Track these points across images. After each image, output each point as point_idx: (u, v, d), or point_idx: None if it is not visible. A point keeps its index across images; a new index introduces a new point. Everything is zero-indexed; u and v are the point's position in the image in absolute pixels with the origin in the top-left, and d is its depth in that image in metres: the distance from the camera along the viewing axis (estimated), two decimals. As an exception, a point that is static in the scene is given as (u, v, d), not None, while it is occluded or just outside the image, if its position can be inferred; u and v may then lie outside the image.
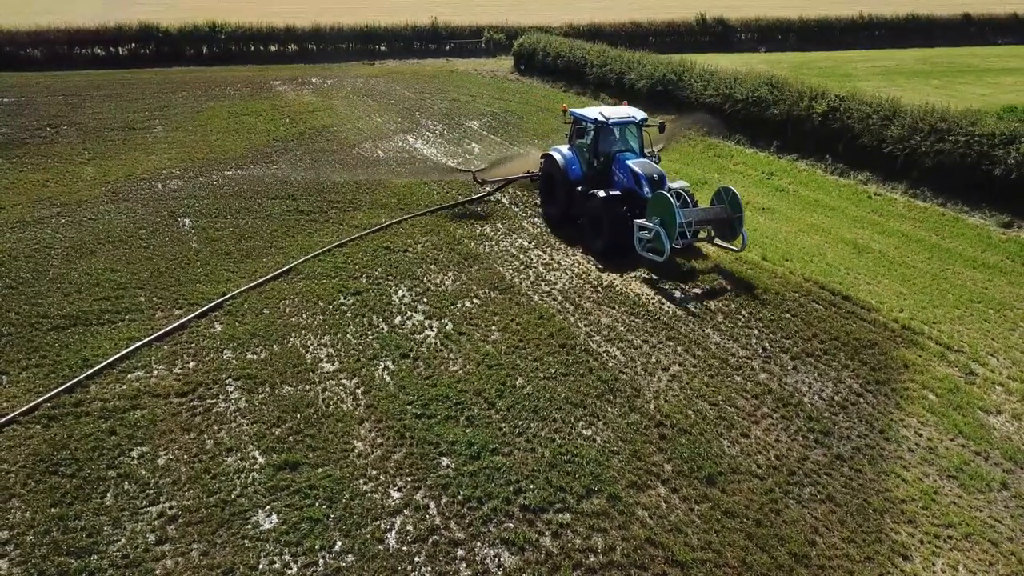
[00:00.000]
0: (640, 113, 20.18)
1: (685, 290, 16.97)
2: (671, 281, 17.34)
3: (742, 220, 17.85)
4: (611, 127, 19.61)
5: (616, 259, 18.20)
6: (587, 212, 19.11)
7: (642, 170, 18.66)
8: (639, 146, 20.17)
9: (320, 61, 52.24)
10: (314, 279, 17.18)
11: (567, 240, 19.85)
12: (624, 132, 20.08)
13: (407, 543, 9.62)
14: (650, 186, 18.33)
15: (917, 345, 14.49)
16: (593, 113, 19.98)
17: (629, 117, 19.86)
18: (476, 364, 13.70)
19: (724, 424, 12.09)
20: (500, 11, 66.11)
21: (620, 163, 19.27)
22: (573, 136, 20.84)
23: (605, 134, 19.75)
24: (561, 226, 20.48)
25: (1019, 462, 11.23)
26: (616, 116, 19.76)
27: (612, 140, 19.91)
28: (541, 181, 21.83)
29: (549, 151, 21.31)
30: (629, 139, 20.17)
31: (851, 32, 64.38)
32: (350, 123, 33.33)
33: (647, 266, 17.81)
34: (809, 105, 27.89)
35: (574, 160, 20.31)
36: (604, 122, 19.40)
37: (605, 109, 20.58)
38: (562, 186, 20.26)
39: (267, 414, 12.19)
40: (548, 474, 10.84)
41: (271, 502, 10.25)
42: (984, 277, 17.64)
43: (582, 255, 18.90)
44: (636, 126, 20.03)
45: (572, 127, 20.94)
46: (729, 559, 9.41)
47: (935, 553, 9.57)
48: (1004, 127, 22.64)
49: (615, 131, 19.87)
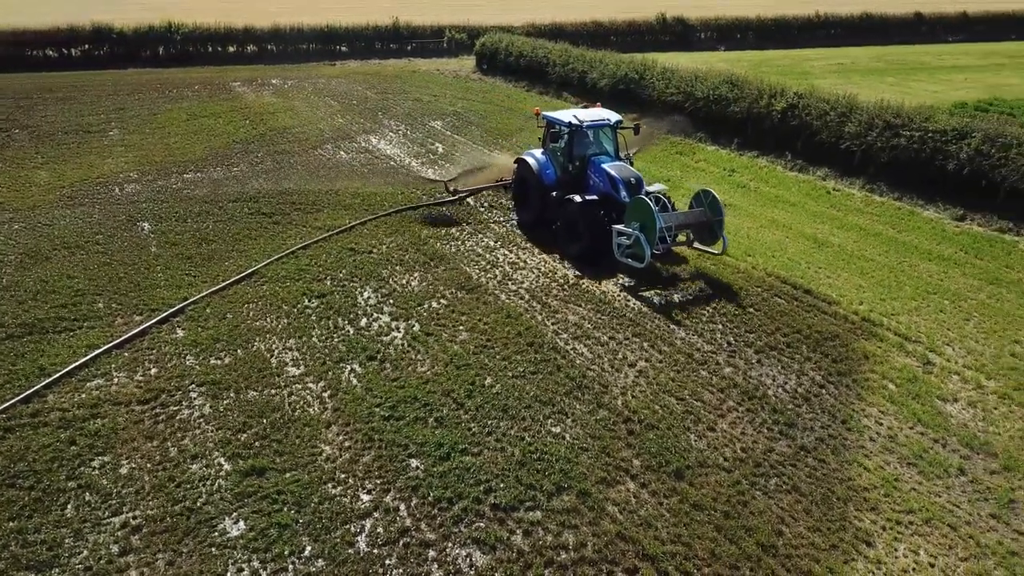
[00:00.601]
0: (615, 115, 19.76)
1: (650, 287, 17.07)
2: (644, 283, 17.24)
3: (722, 223, 17.48)
4: (585, 130, 19.21)
5: (594, 264, 17.91)
6: (563, 217, 18.72)
7: (619, 174, 18.26)
8: (614, 149, 19.75)
9: (280, 62, 51.66)
10: (278, 282, 16.99)
11: (533, 239, 19.88)
12: (598, 135, 19.67)
13: (378, 546, 9.56)
14: (627, 190, 17.98)
15: (876, 336, 14.79)
16: (567, 116, 19.50)
17: (604, 120, 19.40)
18: (444, 364, 13.67)
19: (691, 418, 12.22)
20: (462, 11, 66.02)
21: (596, 167, 18.84)
22: (547, 140, 20.34)
23: (579, 137, 19.31)
24: (534, 230, 20.15)
25: (975, 448, 11.52)
26: (590, 119, 19.31)
27: (587, 143, 19.47)
28: (514, 186, 21.27)
29: (522, 155, 20.76)
30: (604, 142, 19.75)
31: (808, 31, 65.46)
32: (312, 124, 33.01)
33: (626, 272, 17.57)
34: (768, 103, 28.31)
35: (548, 164, 19.88)
36: (578, 125, 18.98)
37: (579, 112, 20.09)
38: (536, 191, 19.86)
39: (232, 420, 12.02)
40: (518, 472, 10.86)
41: (238, 509, 10.12)
42: (939, 269, 18.07)
43: (548, 255, 18.92)
44: (611, 129, 19.60)
45: (545, 131, 20.40)
46: (698, 551, 9.51)
47: (897, 539, 9.79)
48: (956, 123, 23.20)
49: (589, 134, 19.46)
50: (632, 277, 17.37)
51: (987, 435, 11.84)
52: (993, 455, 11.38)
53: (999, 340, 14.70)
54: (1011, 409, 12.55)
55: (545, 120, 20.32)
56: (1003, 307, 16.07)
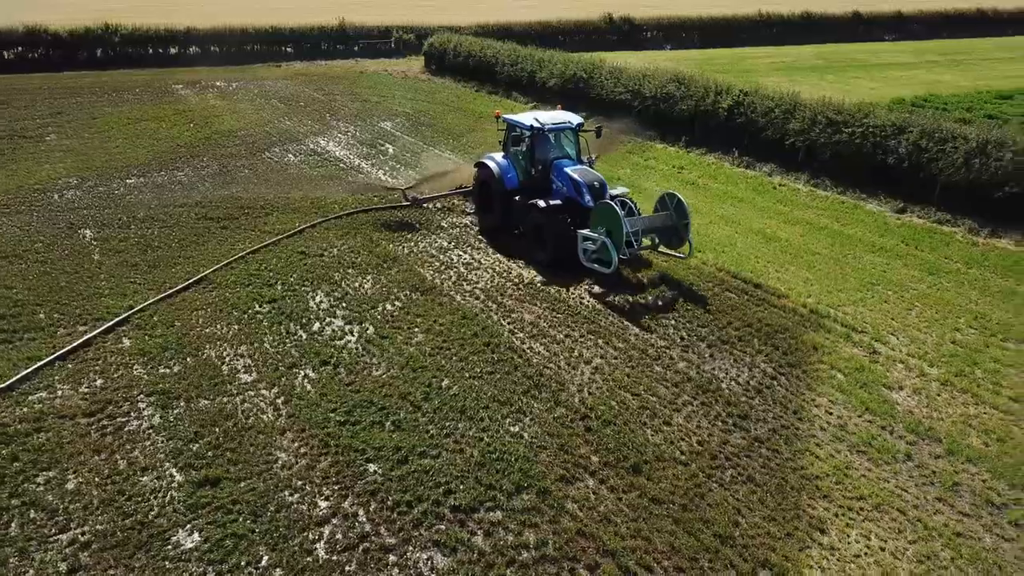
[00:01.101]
0: (576, 118, 19.56)
1: (606, 287, 17.18)
2: (605, 285, 17.13)
3: (689, 226, 17.33)
4: (547, 133, 18.94)
5: (560, 270, 17.57)
6: (527, 223, 18.51)
7: (582, 178, 18.02)
8: (576, 152, 19.50)
9: (224, 64, 50.63)
10: (227, 288, 16.66)
11: (488, 239, 19.86)
12: (560, 138, 19.43)
13: (337, 552, 9.44)
14: (591, 194, 17.75)
15: (824, 328, 15.14)
16: (528, 119, 19.16)
17: (565, 123, 19.14)
18: (400, 367, 13.56)
19: (647, 413, 12.35)
20: (409, 11, 65.63)
21: (558, 171, 18.56)
22: (507, 143, 20.01)
23: (541, 141, 19.04)
24: (497, 235, 19.80)
25: (920, 434, 11.87)
26: (552, 122, 19.00)
27: (549, 147, 19.20)
28: (475, 190, 20.91)
29: (482, 159, 20.38)
30: (565, 145, 19.50)
31: (751, 30, 66.71)
32: (258, 127, 32.47)
33: (593, 277, 17.28)
34: (715, 100, 28.77)
35: (509, 168, 19.50)
36: (540, 128, 18.70)
37: (540, 114, 19.72)
38: (498, 196, 19.49)
39: (183, 430, 11.75)
40: (478, 473, 10.84)
41: (192, 520, 9.89)
42: (882, 261, 18.57)
43: (503, 255, 18.93)
44: (572, 132, 19.38)
45: (506, 134, 20.06)
46: (658, 545, 9.61)
47: (849, 525, 10.03)
48: (895, 118, 23.89)
49: (551, 138, 19.20)
50: (600, 283, 17.08)
51: (931, 421, 12.21)
52: (937, 440, 11.73)
53: (940, 328, 15.17)
54: (953, 395, 12.96)
55: (506, 123, 19.98)
56: (943, 296, 16.59)
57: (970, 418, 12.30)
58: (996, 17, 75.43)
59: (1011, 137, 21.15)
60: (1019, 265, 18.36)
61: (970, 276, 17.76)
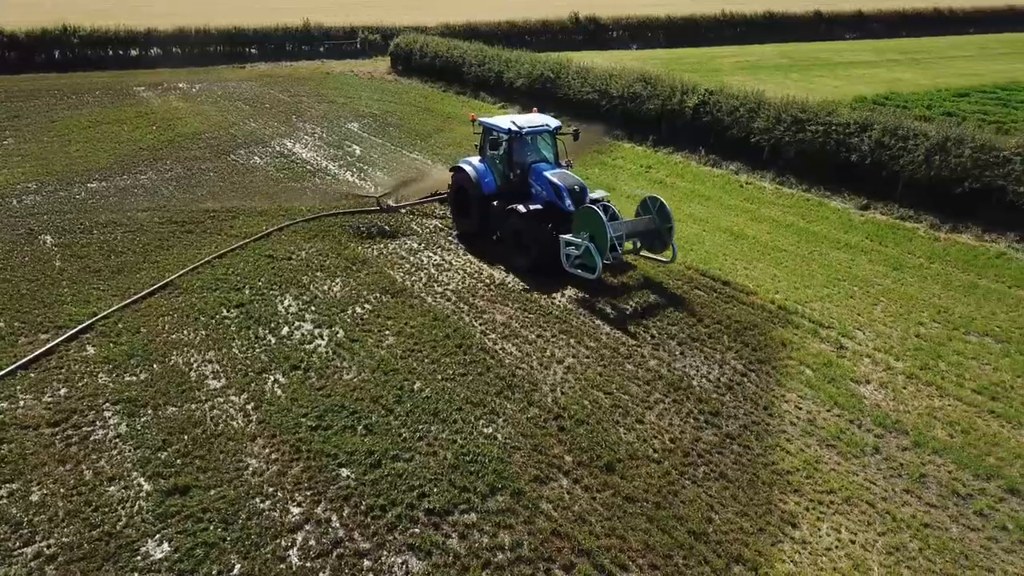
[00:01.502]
0: (554, 121, 19.23)
1: (575, 287, 17.16)
2: (578, 286, 17.00)
3: (672, 230, 17.20)
4: (525, 137, 18.58)
5: (542, 276, 17.25)
6: (507, 228, 18.16)
7: (562, 182, 17.74)
8: (554, 156, 19.22)
9: (186, 65, 49.90)
10: (194, 293, 16.41)
11: (460, 242, 19.81)
12: (536, 141, 19.10)
13: (310, 559, 9.34)
14: (571, 198, 17.49)
15: (792, 324, 15.33)
16: (504, 122, 18.76)
17: (543, 125, 18.79)
18: (371, 371, 13.46)
19: (619, 412, 12.39)
20: (374, 11, 65.24)
21: (537, 175, 18.26)
22: (484, 147, 19.58)
23: (519, 144, 18.70)
24: (475, 242, 19.43)
25: (888, 427, 12.07)
26: (529, 125, 18.61)
27: (527, 150, 18.88)
28: (452, 196, 20.36)
29: (459, 163, 20.00)
30: (543, 149, 19.19)
31: (716, 29, 67.42)
32: (223, 129, 32.04)
33: (576, 283, 16.99)
34: (681, 100, 29.00)
35: (487, 172, 19.13)
36: (518, 131, 18.27)
37: (517, 117, 19.32)
38: (476, 201, 19.09)
39: (151, 438, 11.54)
40: (451, 476, 10.80)
41: (161, 530, 9.72)
42: (848, 257, 18.86)
43: (474, 255, 18.89)
44: (550, 135, 19.06)
45: (483, 137, 19.62)
46: (632, 543, 9.65)
47: (820, 519, 10.15)
48: (857, 116, 24.27)
49: (529, 141, 18.86)
50: (583, 289, 16.79)
51: (898, 414, 12.42)
52: (904, 433, 11.93)
53: (905, 322, 15.44)
54: (918, 388, 13.19)
55: (482, 126, 19.57)
56: (907, 291, 16.89)
57: (935, 410, 12.53)
58: (952, 16, 77.13)
59: (970, 134, 21.60)
60: (979, 259, 18.76)
61: (933, 271, 18.11)
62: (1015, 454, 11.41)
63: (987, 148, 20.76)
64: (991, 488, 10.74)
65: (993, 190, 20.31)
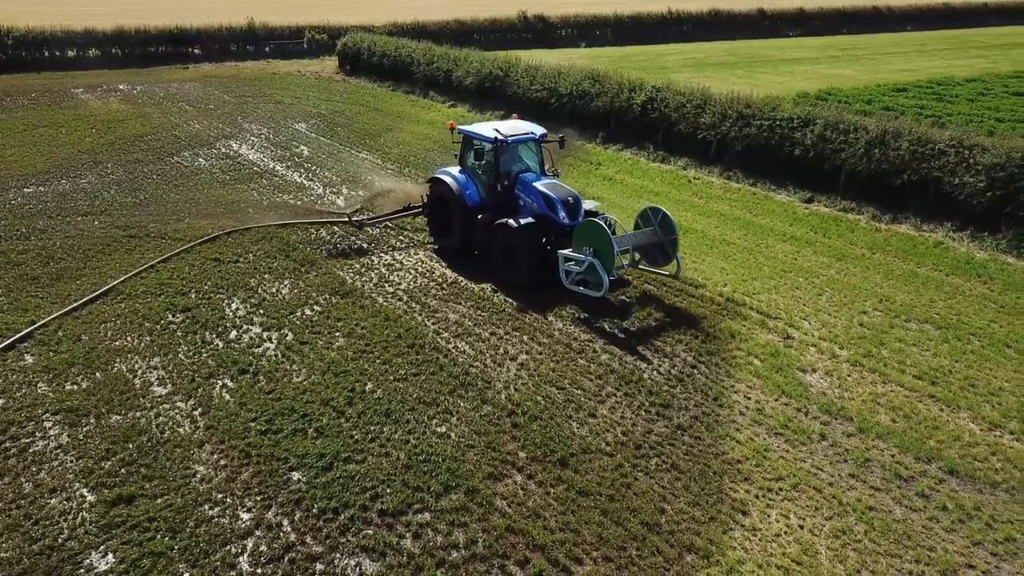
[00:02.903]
0: (539, 128, 18.14)
1: (590, 309, 15.92)
2: (590, 310, 15.71)
3: (676, 242, 16.44)
4: (511, 145, 17.53)
5: (536, 293, 16.39)
6: (497, 244, 16.99)
7: (554, 193, 16.77)
8: (539, 165, 18.17)
9: (127, 66, 48.66)
10: (137, 298, 16.01)
11: (408, 240, 19.68)
12: (518, 150, 18.05)
13: (261, 564, 9.19)
14: (566, 211, 16.57)
15: (740, 316, 15.58)
16: (486, 130, 17.68)
17: (528, 133, 17.73)
18: (321, 373, 13.30)
19: (572, 406, 12.45)
20: (321, 11, 64.48)
21: (526, 186, 17.20)
22: (465, 156, 18.33)
23: (505, 154, 17.66)
24: (454, 257, 18.36)
25: (833, 414, 12.34)
26: (514, 133, 17.52)
27: (512, 160, 17.89)
28: (429, 209, 19.15)
29: (437, 174, 18.71)
30: (526, 158, 18.20)
31: (662, 27, 68.27)
32: (166, 131, 31.33)
33: (577, 301, 15.98)
34: (629, 96, 29.26)
35: (468, 184, 17.94)
36: (504, 141, 17.12)
37: (498, 125, 18.18)
38: (459, 214, 17.88)
39: (94, 447, 11.23)
40: (405, 476, 10.72)
41: (105, 541, 9.46)
42: (793, 249, 19.24)
43: (425, 254, 18.78)
44: (535, 143, 18.05)
45: (463, 146, 18.35)
46: (586, 536, 9.70)
47: (769, 505, 10.34)
48: (800, 111, 24.79)
49: (514, 150, 17.84)
50: (586, 308, 15.80)
51: (843, 401, 12.71)
52: (849, 419, 12.22)
53: (848, 312, 15.81)
54: (862, 375, 13.52)
55: (462, 135, 18.35)
56: (850, 281, 17.30)
57: (878, 396, 12.85)
58: (891, 14, 79.30)
59: (907, 128, 22.21)
60: (919, 249, 19.32)
61: (874, 261, 18.58)
62: (954, 436, 11.77)
63: (923, 141, 21.38)
64: (932, 470, 11.05)
65: (930, 181, 20.93)
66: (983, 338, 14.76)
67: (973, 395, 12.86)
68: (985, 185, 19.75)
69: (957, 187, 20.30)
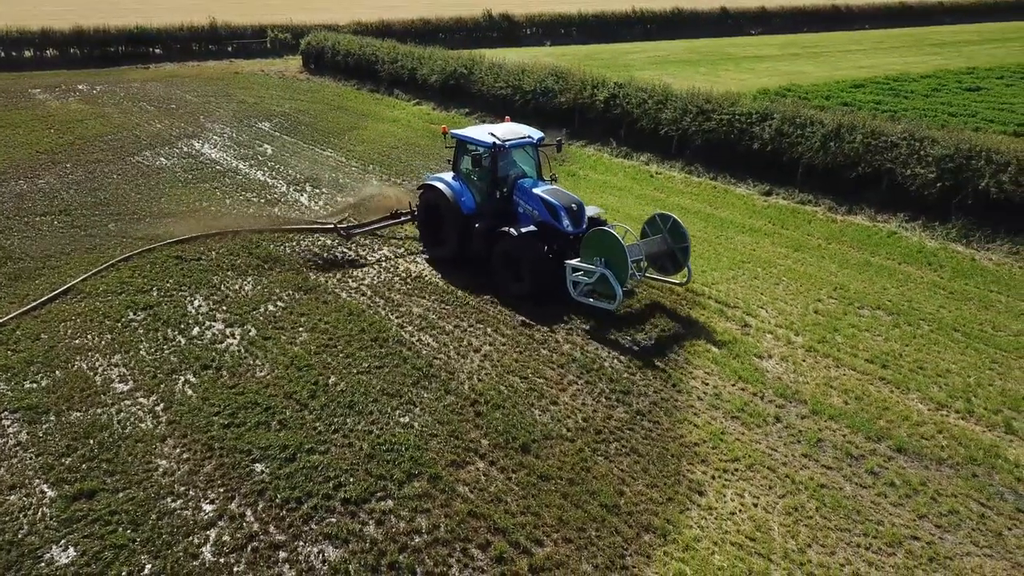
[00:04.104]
0: (536, 132, 17.51)
1: (599, 321, 15.30)
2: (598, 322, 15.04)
3: (688, 251, 15.89)
4: (508, 150, 16.91)
5: (539, 305, 15.70)
6: (495, 252, 16.36)
7: (556, 200, 16.10)
8: (535, 169, 17.54)
9: (86, 66, 47.87)
10: (97, 297, 15.90)
11: (372, 237, 19.71)
12: (519, 154, 17.41)
13: (224, 554, 9.25)
14: (569, 218, 15.96)
15: (700, 305, 15.88)
16: (481, 134, 16.95)
17: (525, 137, 17.07)
18: (285, 367, 13.34)
19: (535, 395, 12.64)
20: (284, 10, 64.00)
21: (525, 192, 16.51)
22: (459, 162, 17.62)
23: (503, 159, 16.98)
24: (447, 266, 17.68)
25: (788, 397, 12.68)
26: (510, 137, 16.86)
27: (508, 165, 17.22)
28: (421, 216, 18.42)
29: (429, 180, 17.94)
30: (522, 162, 17.49)
31: (627, 26, 68.77)
32: (127, 131, 30.96)
33: (588, 314, 15.31)
34: (592, 93, 29.55)
35: (463, 190, 17.19)
36: (501, 145, 16.46)
37: (493, 128, 17.37)
38: (454, 222, 17.17)
39: (54, 444, 11.18)
40: (368, 465, 10.83)
41: (66, 535, 9.46)
42: (752, 240, 19.63)
43: (388, 249, 18.83)
44: (533, 147, 17.42)
45: (456, 151, 17.63)
46: (547, 519, 9.89)
47: (725, 485, 10.62)
48: (758, 106, 25.25)
49: (511, 155, 17.17)
50: (593, 320, 15.15)
51: (797, 385, 13.05)
52: (803, 402, 12.56)
53: (804, 300, 16.20)
54: (816, 360, 13.89)
55: (455, 139, 17.56)
56: (806, 270, 17.71)
57: (831, 380, 13.22)
58: (850, 13, 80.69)
59: (861, 121, 22.76)
60: (873, 239, 19.83)
61: (830, 250, 19.03)
62: (903, 416, 12.16)
63: (877, 134, 21.92)
64: (881, 448, 11.42)
65: (883, 173, 21.48)
66: (932, 323, 15.23)
67: (922, 377, 13.29)
68: (935, 176, 20.32)
69: (909, 178, 20.85)
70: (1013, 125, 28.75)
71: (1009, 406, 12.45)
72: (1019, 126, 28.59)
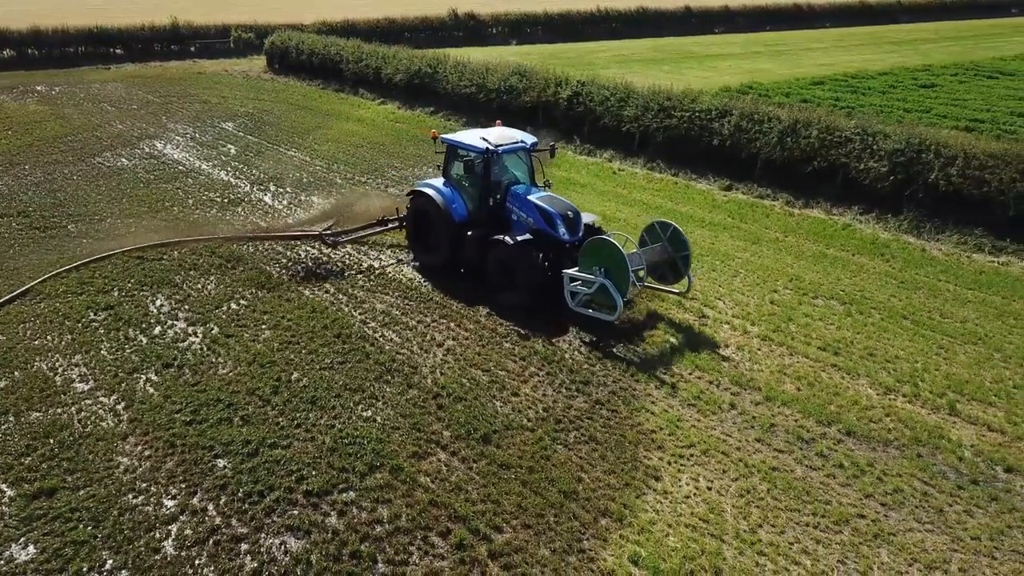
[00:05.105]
0: (529, 137, 17.13)
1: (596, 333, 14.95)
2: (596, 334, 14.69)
3: (688, 259, 15.53)
4: (501, 155, 16.40)
5: (536, 315, 15.31)
6: (489, 260, 15.99)
7: (552, 207, 15.69)
8: (528, 175, 17.11)
9: (44, 67, 47.12)
10: (57, 298, 15.79)
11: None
12: (510, 160, 16.92)
13: (186, 548, 9.32)
14: (566, 226, 15.55)
15: (659, 297, 16.19)
16: (473, 139, 16.46)
17: (518, 142, 16.61)
18: (247, 364, 13.39)
19: (496, 387, 12.84)
20: (247, 10, 63.49)
21: (519, 199, 16.09)
22: (449, 168, 17.14)
23: (496, 164, 16.50)
24: (443, 274, 17.17)
25: (743, 385, 13.01)
26: (503, 142, 16.40)
27: (501, 171, 16.75)
28: (410, 223, 17.97)
29: (418, 187, 17.44)
30: (513, 167, 17.02)
31: (591, 25, 69.24)
32: (87, 131, 30.61)
33: (587, 323, 14.95)
34: (555, 91, 29.82)
35: (455, 197, 16.75)
36: (494, 150, 15.99)
37: (484, 133, 16.85)
38: (445, 229, 16.68)
39: (13, 444, 11.14)
40: (330, 458, 10.95)
41: (26, 533, 9.46)
42: (712, 234, 20.01)
43: (352, 247, 18.89)
44: (526, 152, 17.04)
45: (447, 156, 17.14)
46: (506, 506, 10.10)
47: (680, 470, 10.90)
48: (718, 103, 25.70)
49: (504, 160, 16.68)
50: (594, 332, 14.78)
51: (752, 372, 13.40)
52: (757, 389, 12.90)
53: (760, 291, 16.59)
54: (771, 348, 14.26)
55: (446, 144, 17.06)
56: (763, 263, 18.12)
57: (785, 367, 13.59)
58: (811, 12, 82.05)
59: (816, 117, 23.28)
60: (828, 231, 20.33)
61: (787, 243, 19.48)
62: (853, 401, 12.55)
63: (831, 129, 22.45)
64: (831, 432, 11.79)
65: (838, 167, 22.01)
66: (883, 311, 15.70)
67: (871, 363, 13.71)
68: (888, 170, 20.88)
69: (863, 172, 21.40)
70: (965, 120, 29.58)
71: (953, 389, 12.91)
72: (971, 121, 29.42)
